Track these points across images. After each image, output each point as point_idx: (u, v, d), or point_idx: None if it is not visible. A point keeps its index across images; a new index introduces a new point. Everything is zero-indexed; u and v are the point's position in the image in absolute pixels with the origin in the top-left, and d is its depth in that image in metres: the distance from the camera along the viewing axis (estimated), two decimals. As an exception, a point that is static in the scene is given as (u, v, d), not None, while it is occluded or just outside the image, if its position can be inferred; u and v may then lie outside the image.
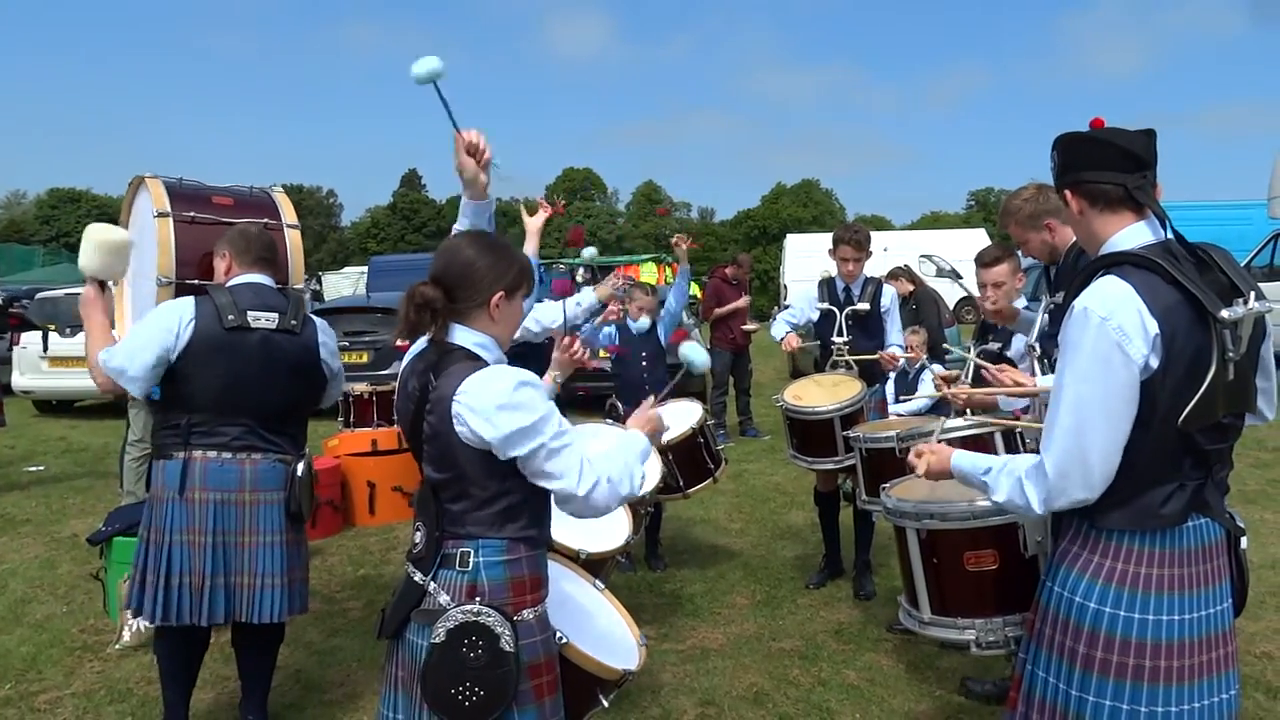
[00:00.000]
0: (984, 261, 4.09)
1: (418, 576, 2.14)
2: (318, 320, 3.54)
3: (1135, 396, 1.87)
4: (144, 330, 3.25)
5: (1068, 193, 2.07)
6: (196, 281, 3.52)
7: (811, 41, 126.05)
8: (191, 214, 3.61)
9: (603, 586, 2.85)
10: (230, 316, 3.25)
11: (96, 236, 3.38)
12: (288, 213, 3.88)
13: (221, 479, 3.28)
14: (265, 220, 3.75)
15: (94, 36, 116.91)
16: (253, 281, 3.39)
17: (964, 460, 2.19)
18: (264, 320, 3.31)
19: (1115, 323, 1.86)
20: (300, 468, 3.41)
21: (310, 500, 3.49)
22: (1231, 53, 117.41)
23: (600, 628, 2.63)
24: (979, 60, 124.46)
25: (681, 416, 5.24)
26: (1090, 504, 1.94)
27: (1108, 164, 1.99)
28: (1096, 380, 1.87)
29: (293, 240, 3.81)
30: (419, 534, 2.18)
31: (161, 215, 3.53)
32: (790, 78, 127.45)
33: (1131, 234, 2.00)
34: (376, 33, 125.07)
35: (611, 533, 3.68)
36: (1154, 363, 1.86)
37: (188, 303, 3.27)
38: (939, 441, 2.47)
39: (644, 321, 5.82)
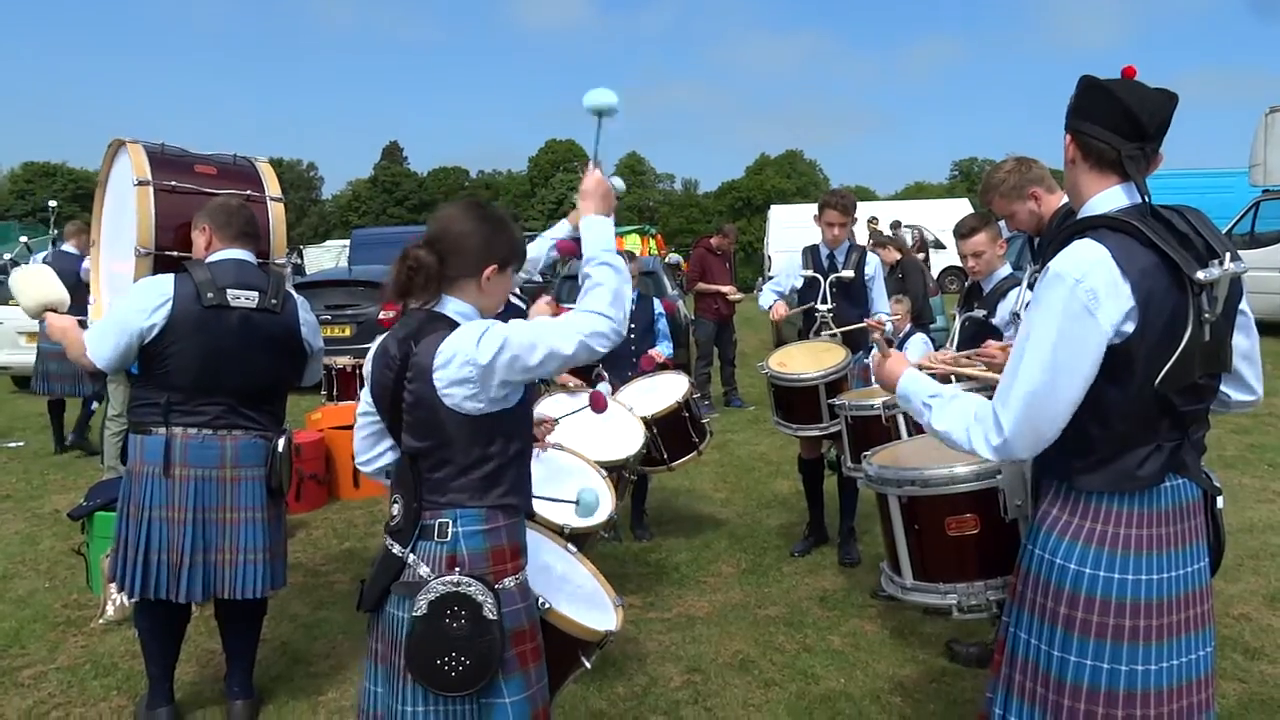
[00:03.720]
0: (961, 232, 4.11)
1: (396, 549, 2.13)
2: (298, 297, 3.50)
3: (1098, 361, 1.87)
4: (118, 312, 3.21)
5: (1067, 136, 2.06)
6: (176, 254, 3.46)
7: (792, 9, 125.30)
8: (172, 183, 3.51)
9: (575, 550, 2.87)
10: (209, 295, 3.20)
11: (17, 286, 3.43)
12: (271, 184, 3.79)
13: (202, 456, 3.26)
14: (249, 192, 3.67)
15: (65, 7, 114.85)
16: (234, 257, 3.33)
17: (910, 384, 2.17)
18: (243, 299, 3.26)
19: (1087, 285, 1.85)
20: (281, 443, 3.39)
21: (290, 475, 3.48)
22: (1211, 18, 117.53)
23: (578, 590, 2.65)
24: (960, 29, 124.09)
25: (667, 389, 5.23)
26: (1063, 465, 1.96)
27: (1110, 123, 1.97)
28: (1062, 343, 1.87)
29: (275, 213, 3.73)
30: (396, 506, 2.16)
31: (141, 183, 3.44)
32: (772, 47, 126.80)
33: (1109, 197, 1.99)
34: (353, 3, 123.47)
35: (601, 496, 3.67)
36: (1129, 327, 1.86)
37: (166, 281, 3.22)
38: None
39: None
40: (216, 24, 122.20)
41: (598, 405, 4.00)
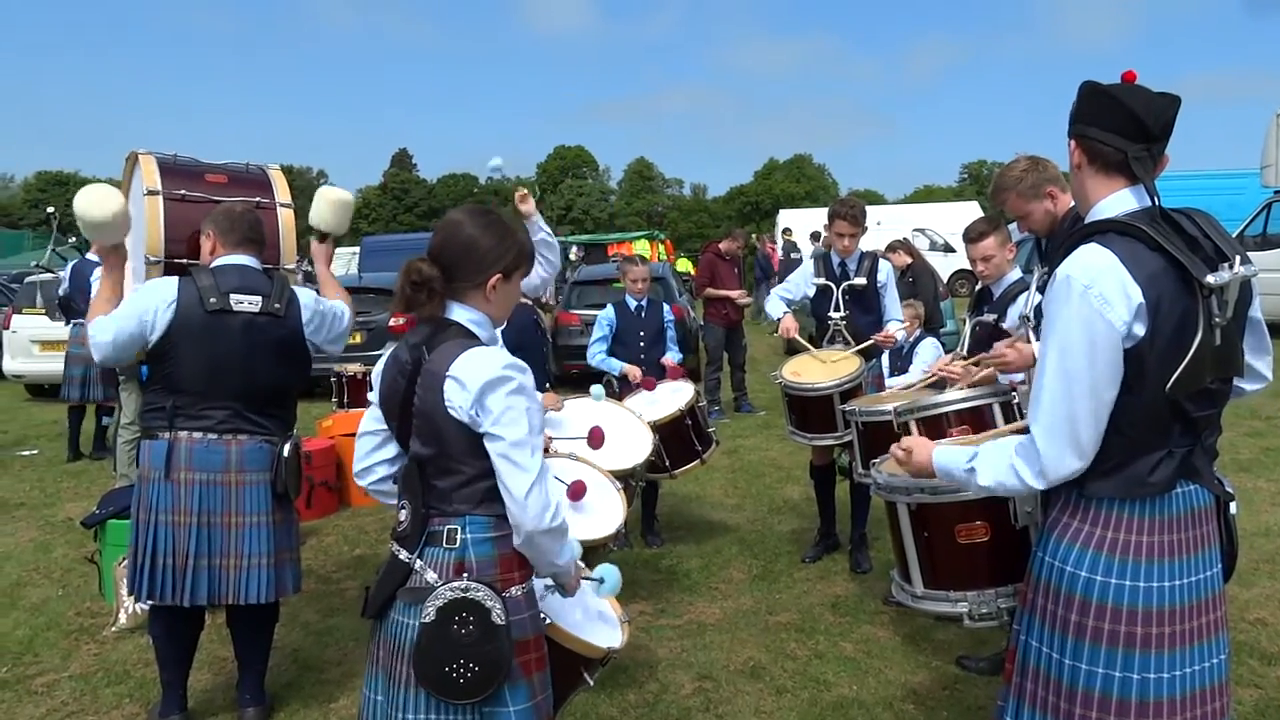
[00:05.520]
0: (970, 237, 4.07)
1: (403, 555, 2.13)
2: (302, 295, 3.50)
3: (1119, 363, 1.87)
4: (124, 310, 3.24)
5: (1072, 142, 2.06)
6: (185, 261, 3.48)
7: (799, 13, 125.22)
8: (182, 192, 3.55)
9: (583, 566, 2.86)
10: (212, 299, 3.23)
11: (78, 208, 3.34)
12: (282, 191, 3.81)
13: (207, 460, 3.27)
14: (258, 199, 3.70)
15: (79, 17, 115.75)
16: (237, 263, 3.36)
17: (947, 458, 2.15)
18: (246, 304, 3.28)
19: (1097, 290, 1.85)
20: (287, 449, 3.40)
21: (298, 481, 3.48)
22: (1222, 19, 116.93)
23: (583, 607, 2.64)
24: (968, 31, 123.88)
25: (670, 398, 5.23)
26: (1081, 473, 1.94)
27: (1115, 125, 1.97)
28: (1080, 348, 1.86)
29: (285, 219, 3.75)
30: (404, 512, 2.16)
31: (151, 193, 3.48)
32: (779, 51, 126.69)
33: (1117, 201, 1.99)
34: (361, 10, 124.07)
35: (603, 519, 3.66)
36: (1139, 330, 1.85)
37: (170, 285, 3.25)
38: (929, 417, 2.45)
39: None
40: (227, 32, 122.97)
41: (595, 442, 4.02)
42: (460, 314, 2.16)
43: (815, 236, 20.64)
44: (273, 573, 3.36)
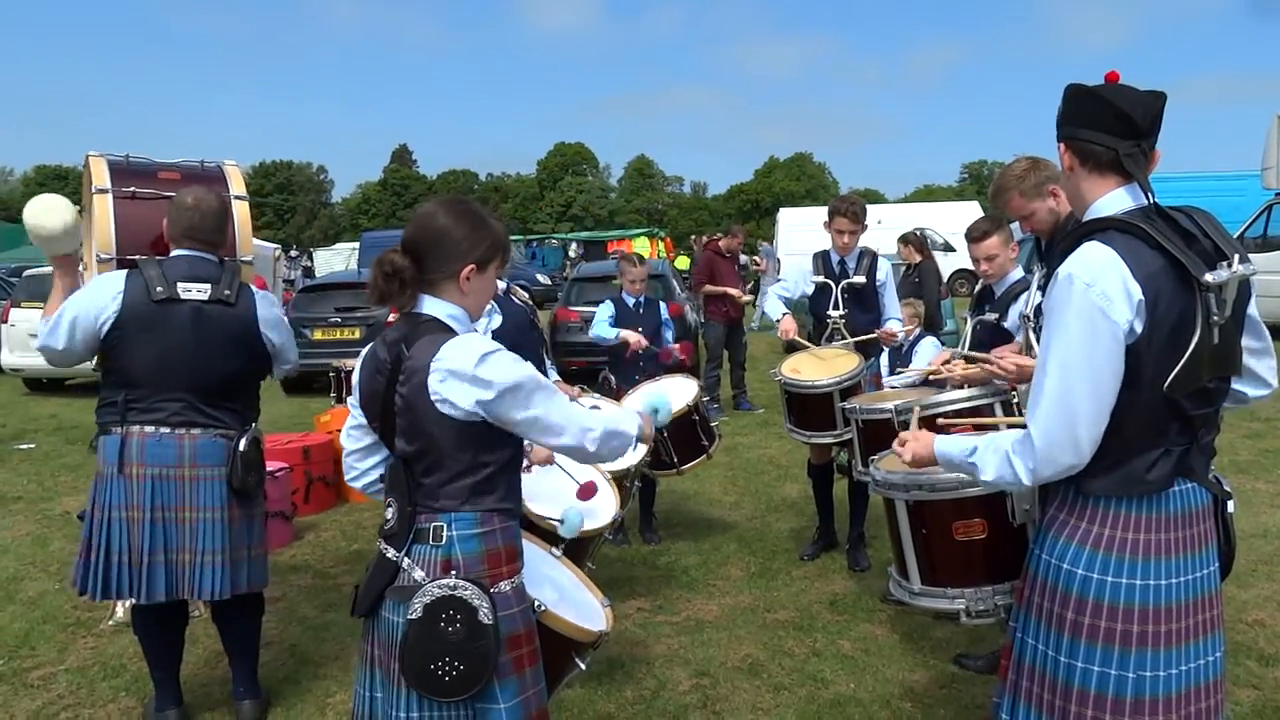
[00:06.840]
0: (973, 236, 4.05)
1: (390, 553, 2.12)
2: (258, 292, 3.46)
3: (1121, 361, 1.86)
4: (71, 306, 3.21)
5: (1062, 145, 2.06)
6: (140, 259, 3.43)
7: (801, 12, 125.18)
8: (132, 189, 3.53)
9: (559, 554, 2.87)
10: (159, 288, 3.19)
11: (29, 220, 3.45)
12: (236, 185, 3.81)
13: (160, 454, 3.23)
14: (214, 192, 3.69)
15: (82, 13, 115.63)
16: (188, 253, 3.31)
17: (948, 445, 2.15)
18: (195, 291, 3.24)
19: (1099, 288, 1.84)
20: (243, 443, 3.34)
21: (259, 476, 3.43)
22: (1222, 22, 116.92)
23: (568, 593, 2.65)
24: (969, 32, 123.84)
25: (676, 393, 5.22)
26: (1078, 470, 1.93)
27: (1103, 125, 1.97)
28: (1081, 346, 1.86)
29: (240, 212, 3.72)
30: (390, 510, 2.14)
31: (100, 192, 3.47)
32: (781, 50, 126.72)
33: (1113, 200, 1.98)
34: (362, 6, 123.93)
35: (598, 511, 3.66)
36: (1138, 328, 1.85)
37: (117, 277, 3.23)
38: (926, 419, 2.45)
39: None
40: (228, 27, 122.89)
41: (586, 495, 3.85)
42: (437, 308, 2.14)
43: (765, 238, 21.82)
44: (228, 569, 3.29)
